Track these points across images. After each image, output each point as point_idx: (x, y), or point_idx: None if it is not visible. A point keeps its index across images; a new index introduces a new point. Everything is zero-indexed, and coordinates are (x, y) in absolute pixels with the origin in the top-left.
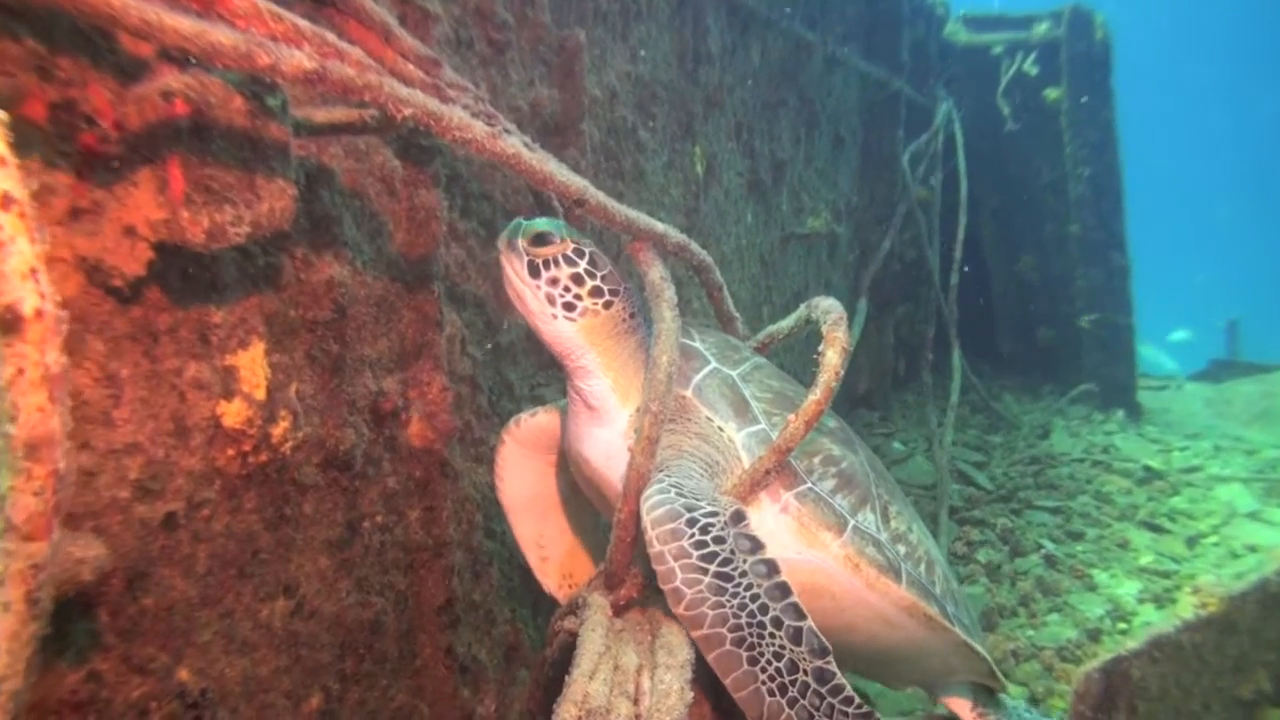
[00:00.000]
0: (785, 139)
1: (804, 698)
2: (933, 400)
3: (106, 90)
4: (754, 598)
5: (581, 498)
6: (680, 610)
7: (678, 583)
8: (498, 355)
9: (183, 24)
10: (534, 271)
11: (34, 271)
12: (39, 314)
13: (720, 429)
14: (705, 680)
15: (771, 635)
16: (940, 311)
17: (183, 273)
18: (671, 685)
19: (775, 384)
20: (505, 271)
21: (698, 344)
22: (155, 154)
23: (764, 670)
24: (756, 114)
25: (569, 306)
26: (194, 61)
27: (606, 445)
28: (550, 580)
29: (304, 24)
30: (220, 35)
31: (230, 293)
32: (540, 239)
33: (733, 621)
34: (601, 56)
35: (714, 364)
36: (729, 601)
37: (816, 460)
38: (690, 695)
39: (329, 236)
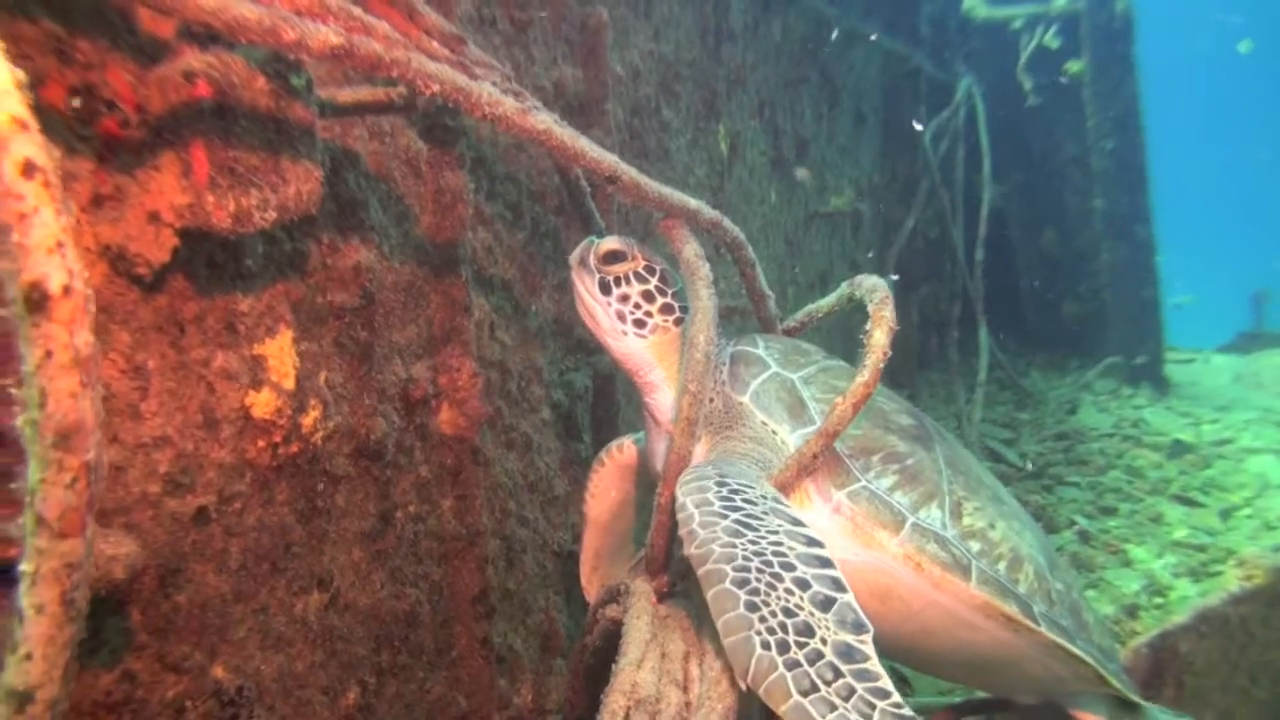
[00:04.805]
0: (808, 116)
1: (811, 666)
2: (960, 378)
3: (127, 73)
4: (778, 554)
5: (635, 516)
6: (690, 549)
7: (694, 525)
8: (526, 339)
9: None
10: (605, 289)
11: (60, 246)
12: (67, 291)
13: (774, 432)
14: None
15: (789, 591)
16: (965, 288)
17: (208, 260)
18: (722, 671)
19: (843, 384)
20: (576, 289)
21: (761, 351)
22: (178, 137)
23: (764, 621)
24: (779, 92)
25: (639, 324)
26: (216, 41)
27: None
28: (593, 589)
29: None
30: (244, 9)
31: (257, 280)
32: (612, 256)
33: (740, 562)
34: (624, 35)
35: (774, 368)
36: (742, 545)
37: (876, 458)
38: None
39: (355, 221)
